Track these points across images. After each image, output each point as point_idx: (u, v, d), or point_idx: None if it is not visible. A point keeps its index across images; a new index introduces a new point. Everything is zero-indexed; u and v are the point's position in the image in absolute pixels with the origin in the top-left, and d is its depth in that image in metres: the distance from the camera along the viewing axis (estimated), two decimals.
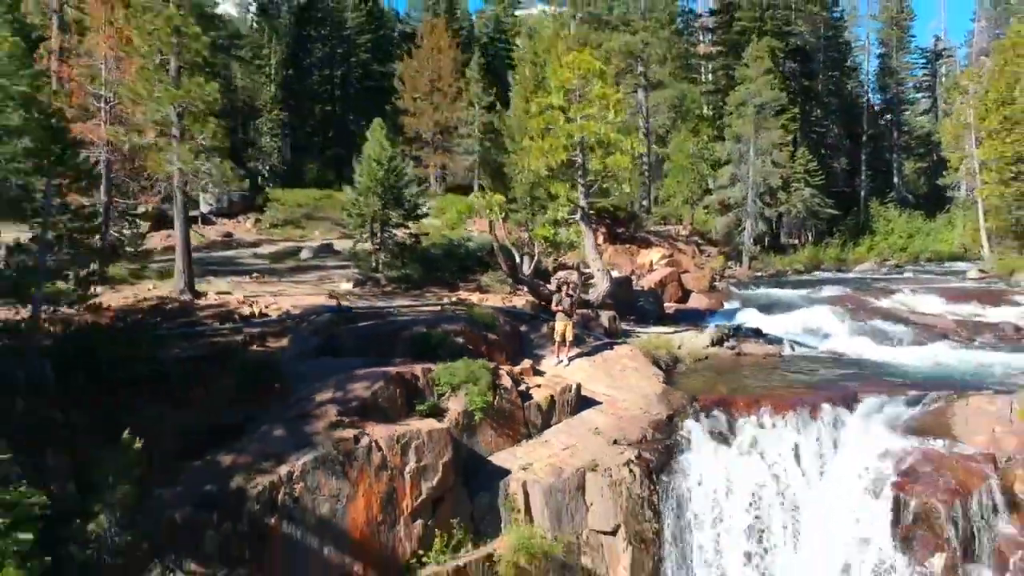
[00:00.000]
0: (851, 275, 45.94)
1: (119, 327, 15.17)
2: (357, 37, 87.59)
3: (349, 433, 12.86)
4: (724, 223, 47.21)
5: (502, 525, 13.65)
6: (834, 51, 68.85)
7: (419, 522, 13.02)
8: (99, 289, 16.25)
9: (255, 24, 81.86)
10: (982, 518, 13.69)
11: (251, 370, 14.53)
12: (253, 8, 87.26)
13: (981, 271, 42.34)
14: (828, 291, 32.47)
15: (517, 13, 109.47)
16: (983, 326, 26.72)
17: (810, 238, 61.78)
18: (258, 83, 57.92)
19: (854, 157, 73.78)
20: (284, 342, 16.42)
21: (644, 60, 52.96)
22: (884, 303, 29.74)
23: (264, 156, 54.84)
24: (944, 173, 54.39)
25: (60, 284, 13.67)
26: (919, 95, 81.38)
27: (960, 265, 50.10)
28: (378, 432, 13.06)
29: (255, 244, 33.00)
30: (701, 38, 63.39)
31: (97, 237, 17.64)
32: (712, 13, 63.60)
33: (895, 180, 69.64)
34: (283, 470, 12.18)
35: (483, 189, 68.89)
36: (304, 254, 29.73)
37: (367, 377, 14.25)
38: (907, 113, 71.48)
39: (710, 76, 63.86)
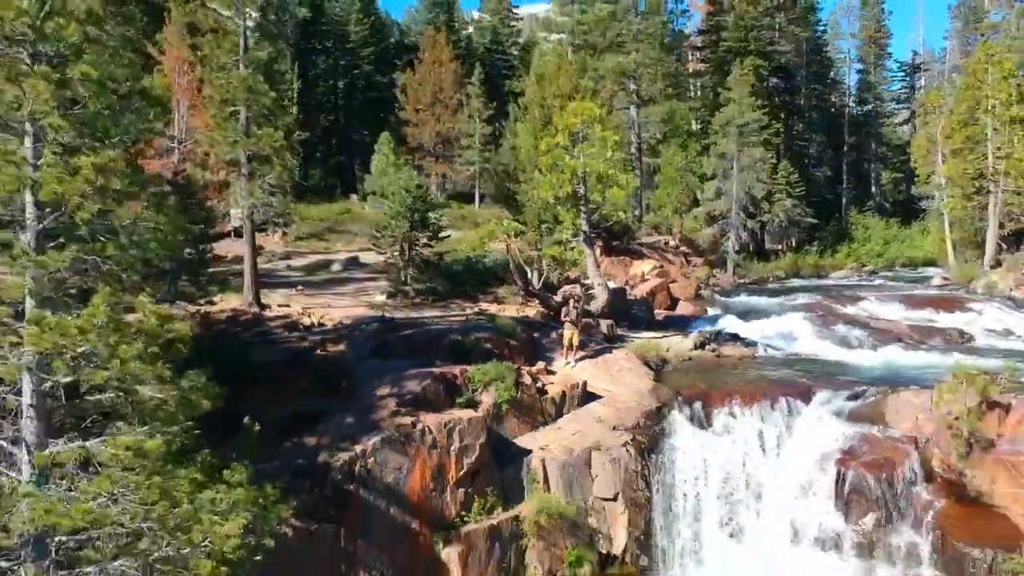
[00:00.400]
0: (827, 282, 49.50)
1: (211, 335, 18.61)
2: (360, 49, 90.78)
3: (407, 420, 16.37)
4: (710, 233, 50.79)
5: (525, 493, 17.17)
6: (816, 66, 72.63)
7: (461, 490, 16.53)
8: (178, 302, 19.64)
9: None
10: (904, 486, 17.31)
11: (323, 371, 18.03)
12: (253, 16, 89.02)
13: (944, 279, 46.03)
14: (801, 299, 36.05)
15: (514, 24, 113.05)
16: (934, 331, 30.36)
17: (793, 243, 65.55)
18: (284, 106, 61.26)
19: (836, 166, 77.64)
20: (342, 347, 19.86)
21: (636, 78, 56.45)
22: (850, 310, 33.35)
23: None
24: (915, 184, 58.14)
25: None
26: (899, 106, 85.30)
27: (931, 271, 53.79)
28: (429, 419, 16.57)
29: (286, 256, 36.40)
30: (690, 56, 67.01)
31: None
32: (700, 33, 67.21)
33: (873, 189, 73.48)
34: (358, 448, 15.68)
35: (483, 199, 72.49)
36: (335, 267, 33.21)
37: (417, 376, 17.77)
38: (884, 126, 75.13)
39: (698, 92, 67.50)
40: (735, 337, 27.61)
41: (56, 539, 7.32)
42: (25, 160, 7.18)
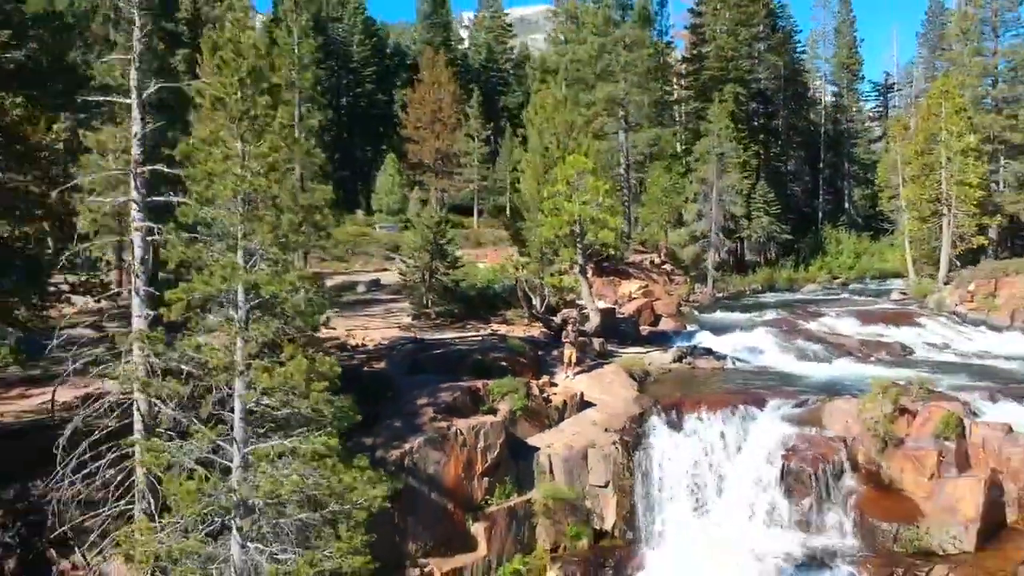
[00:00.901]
0: (798, 296, 54.26)
1: None
2: (362, 68, 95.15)
3: (443, 424, 20.79)
4: (692, 251, 55.42)
5: (535, 481, 21.59)
6: (794, 90, 77.44)
7: (485, 479, 20.97)
8: None
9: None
10: (835, 476, 21.86)
11: (372, 384, 22.42)
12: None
13: (903, 293, 50.79)
14: (769, 314, 40.63)
15: (506, 41, 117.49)
16: (881, 345, 35.00)
17: (772, 254, 70.31)
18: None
19: (814, 182, 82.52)
20: (383, 364, 24.24)
21: (624, 106, 60.97)
22: (811, 325, 37.92)
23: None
24: (879, 203, 63.00)
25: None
26: (873, 123, 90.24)
27: (896, 283, 58.60)
28: (460, 423, 20.99)
29: None
30: (675, 83, 71.62)
31: None
32: (684, 61, 71.88)
33: (846, 205, 78.36)
34: (406, 446, 20.08)
35: (481, 213, 76.89)
36: (360, 288, 37.57)
37: (448, 389, 22.21)
38: (857, 146, 79.89)
39: (683, 117, 72.10)
40: (708, 351, 32.18)
41: (258, 504, 11.61)
42: (239, 266, 11.52)
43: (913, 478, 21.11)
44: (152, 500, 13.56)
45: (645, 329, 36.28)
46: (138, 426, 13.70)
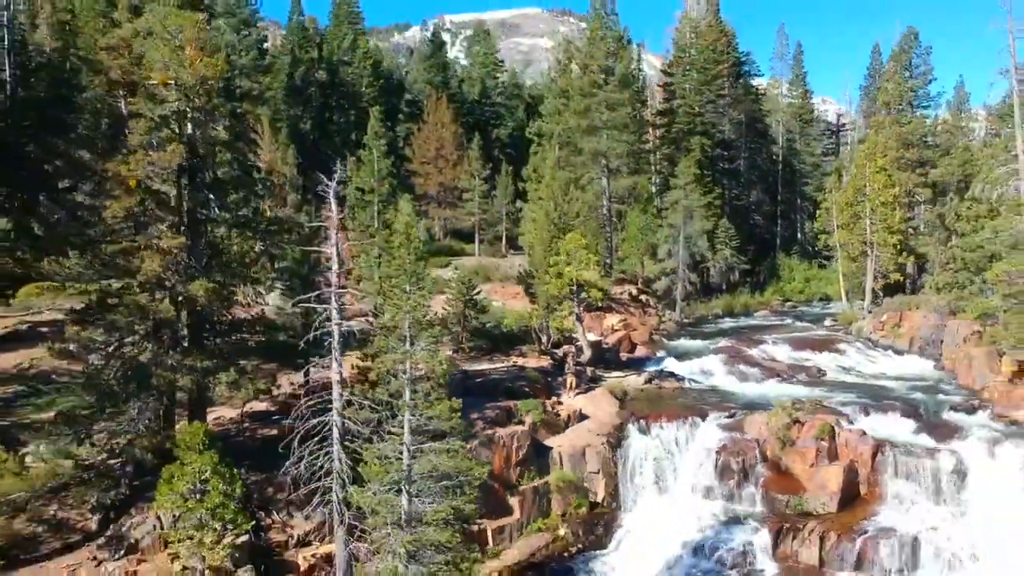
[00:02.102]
0: (751, 321, 64.85)
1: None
2: (370, 106, 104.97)
3: (490, 431, 31.19)
4: (663, 283, 65.96)
5: (551, 469, 32.07)
6: (753, 136, 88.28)
7: (518, 468, 31.41)
8: None
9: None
10: (750, 465, 32.48)
11: None
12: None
13: (834, 320, 61.68)
14: (721, 342, 51.06)
15: (497, 76, 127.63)
16: (802, 368, 45.66)
17: (736, 277, 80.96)
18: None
19: (772, 213, 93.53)
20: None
21: (606, 156, 71.44)
22: (752, 351, 48.46)
23: None
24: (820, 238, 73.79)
25: None
26: (826, 158, 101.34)
27: (835, 307, 69.54)
28: (500, 431, 31.41)
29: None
30: (650, 132, 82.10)
31: None
32: (658, 114, 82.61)
33: (799, 236, 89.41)
34: (467, 447, 30.52)
35: (483, 241, 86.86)
36: None
37: (491, 407, 32.64)
38: (807, 186, 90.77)
39: (657, 160, 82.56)
40: (671, 374, 42.80)
41: (417, 477, 21.80)
42: (408, 351, 21.80)
43: (800, 466, 31.83)
44: (343, 479, 23.89)
45: (624, 356, 46.82)
46: (336, 435, 24.07)
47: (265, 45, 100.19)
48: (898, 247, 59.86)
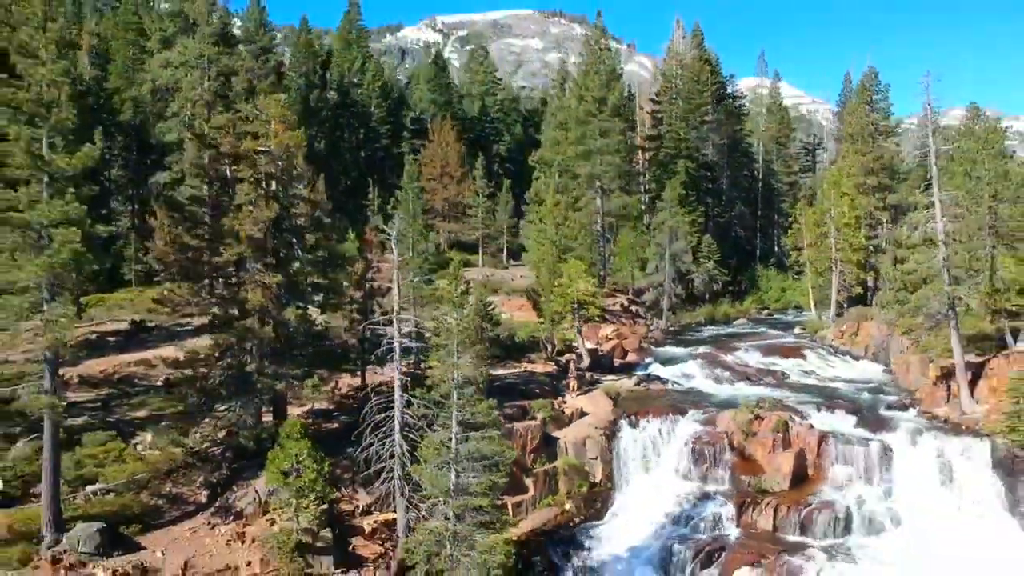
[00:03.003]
0: (729, 329, 72.17)
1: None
2: (380, 126, 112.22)
3: (510, 425, 38.23)
4: (651, 295, 73.28)
5: (558, 456, 39.28)
6: (735, 157, 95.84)
7: (532, 454, 38.58)
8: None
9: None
10: (720, 452, 39.74)
11: None
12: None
13: (802, 329, 69.06)
14: (701, 349, 58.30)
15: (496, 94, 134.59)
16: (769, 372, 52.91)
17: (718, 286, 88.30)
18: None
19: (753, 227, 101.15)
20: None
21: (600, 178, 78.68)
22: (727, 357, 55.72)
23: None
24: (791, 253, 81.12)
25: None
26: (804, 175, 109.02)
27: (807, 315, 76.90)
28: (518, 425, 38.56)
29: None
30: (640, 155, 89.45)
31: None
32: (648, 139, 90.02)
33: (776, 248, 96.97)
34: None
35: (486, 253, 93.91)
36: None
37: (509, 406, 39.73)
38: (784, 203, 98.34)
39: (646, 179, 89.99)
40: (657, 378, 50.06)
41: (463, 457, 28.74)
42: (457, 363, 28.91)
43: (760, 453, 39.12)
44: (403, 461, 31.08)
45: (618, 362, 53.98)
46: (397, 423, 31.23)
47: (279, 56, 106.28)
48: (861, 264, 67.28)
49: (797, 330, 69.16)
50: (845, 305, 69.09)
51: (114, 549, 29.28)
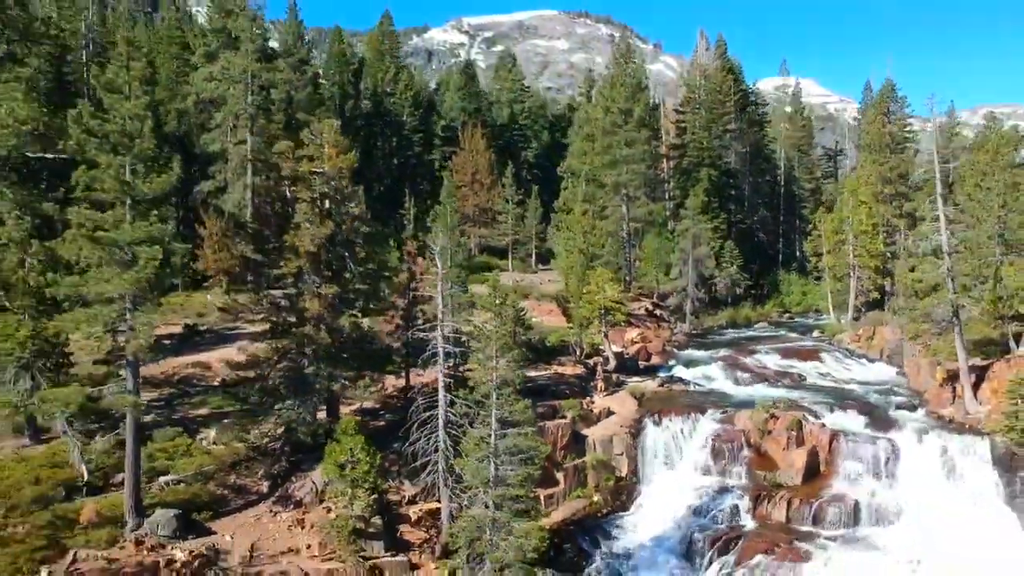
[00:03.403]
0: (750, 332, 74.63)
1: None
2: (412, 135, 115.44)
3: (542, 423, 41.14)
4: (675, 299, 75.98)
5: (587, 452, 42.24)
6: (758, 164, 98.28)
7: (563, 451, 41.49)
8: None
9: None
10: (738, 449, 42.53)
11: None
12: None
13: (821, 332, 71.45)
14: (721, 352, 60.98)
15: (523, 102, 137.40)
16: (787, 374, 55.47)
17: (740, 290, 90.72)
18: None
19: (776, 232, 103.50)
20: None
21: (626, 186, 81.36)
22: (747, 360, 58.33)
23: None
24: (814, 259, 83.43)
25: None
26: (826, 180, 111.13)
27: (824, 319, 79.26)
28: (550, 423, 41.49)
29: None
30: (664, 163, 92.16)
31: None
32: (672, 147, 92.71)
33: (797, 253, 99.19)
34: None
35: (515, 258, 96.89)
36: None
37: (541, 405, 42.56)
38: (805, 209, 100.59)
39: (671, 187, 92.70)
40: (680, 379, 52.83)
41: (502, 451, 31.83)
42: (494, 367, 31.92)
43: (775, 450, 41.85)
44: (447, 455, 34.17)
45: (642, 364, 56.74)
46: (441, 420, 34.32)
47: (315, 67, 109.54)
48: (878, 269, 69.63)
49: (816, 334, 71.49)
50: (863, 309, 71.39)
51: (188, 533, 32.50)
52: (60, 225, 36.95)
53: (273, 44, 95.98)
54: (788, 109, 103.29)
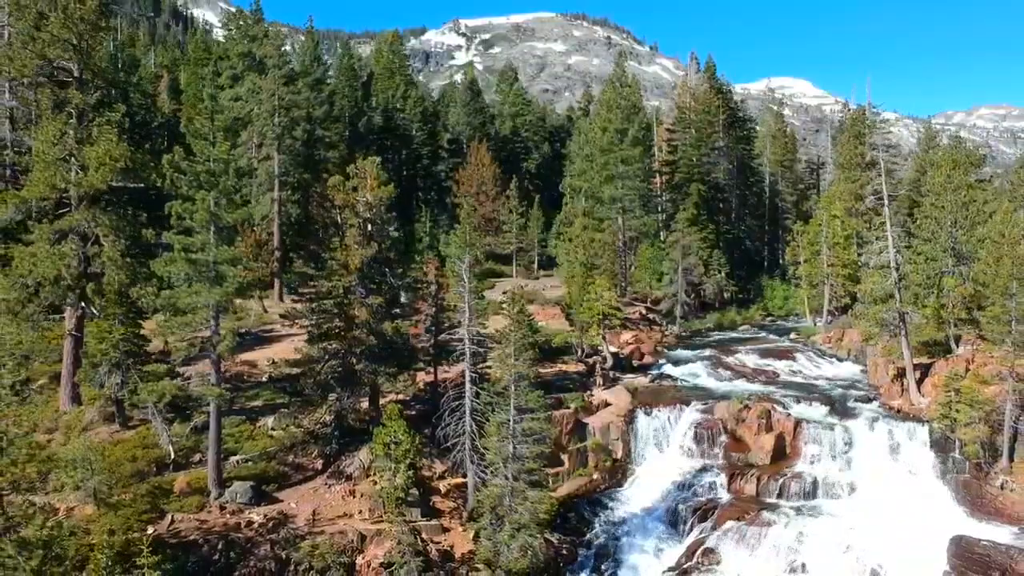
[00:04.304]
0: (733, 334, 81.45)
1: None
2: (420, 148, 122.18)
3: (549, 413, 48.24)
4: (667, 304, 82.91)
5: (588, 438, 49.17)
6: (744, 177, 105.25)
7: (567, 436, 48.29)
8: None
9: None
10: (716, 435, 49.51)
11: None
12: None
13: (797, 334, 78.39)
14: (707, 352, 67.95)
15: (525, 115, 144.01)
16: (763, 372, 62.38)
17: (728, 295, 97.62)
18: None
19: (762, 239, 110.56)
20: None
21: (622, 200, 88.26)
22: (729, 359, 65.22)
23: None
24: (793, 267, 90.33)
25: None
26: (810, 192, 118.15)
27: (804, 322, 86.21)
28: (556, 413, 48.10)
29: None
30: (657, 178, 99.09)
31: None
32: (665, 163, 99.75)
33: (780, 261, 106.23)
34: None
35: (519, 265, 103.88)
36: None
37: (548, 397, 49.23)
38: (787, 220, 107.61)
39: (663, 199, 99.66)
40: (669, 376, 59.77)
41: (520, 434, 38.58)
42: (513, 364, 38.75)
43: (748, 435, 48.79)
44: (473, 437, 41.10)
45: (636, 363, 63.62)
46: (468, 408, 41.25)
47: (330, 87, 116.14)
48: (850, 277, 76.57)
49: (792, 336, 78.31)
50: (836, 313, 78.29)
51: (260, 501, 39.31)
52: (148, 245, 44.09)
53: (293, 62, 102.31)
54: (772, 125, 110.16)
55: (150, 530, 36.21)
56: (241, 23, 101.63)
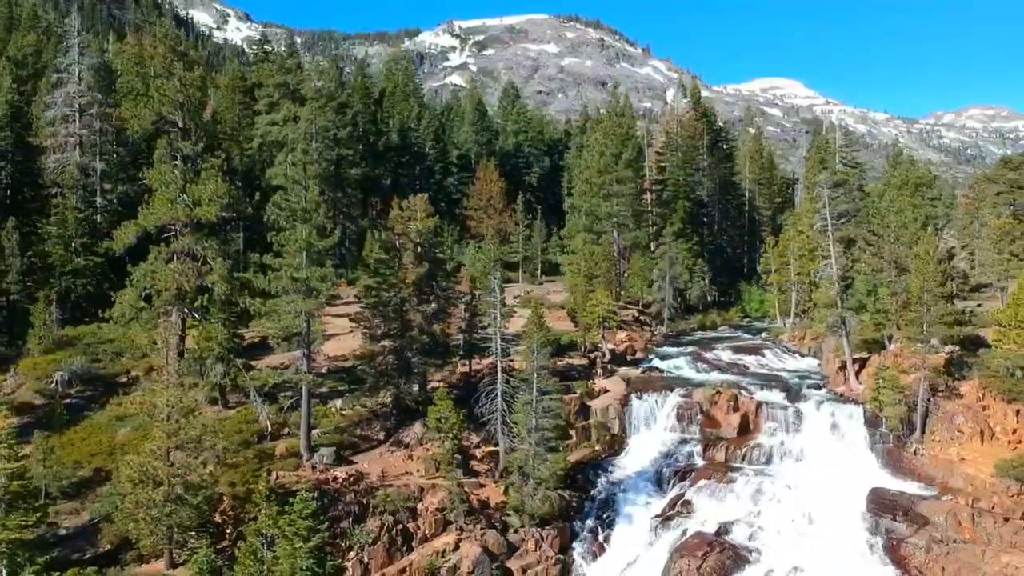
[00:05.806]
0: (713, 333, 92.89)
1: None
2: (433, 164, 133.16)
3: (562, 396, 59.79)
4: (656, 308, 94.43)
5: (591, 418, 60.47)
6: (726, 193, 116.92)
7: (574, 416, 59.35)
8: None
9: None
10: (694, 415, 60.97)
11: None
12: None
13: (767, 334, 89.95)
14: (689, 348, 79.26)
15: (527, 131, 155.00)
16: (736, 365, 73.64)
17: (711, 299, 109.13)
18: None
19: (742, 248, 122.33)
20: None
21: (617, 216, 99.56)
22: (707, 355, 76.46)
23: None
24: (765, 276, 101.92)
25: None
26: (786, 205, 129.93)
27: (775, 323, 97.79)
28: (565, 397, 59.62)
29: None
30: (647, 193, 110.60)
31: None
32: (655, 183, 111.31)
33: (757, 268, 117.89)
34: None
35: (524, 272, 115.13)
36: None
37: (560, 385, 61.15)
38: (764, 231, 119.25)
39: (653, 219, 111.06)
40: (657, 368, 71.20)
41: (539, 412, 49.75)
42: (534, 360, 50.01)
43: (721, 415, 60.15)
44: (504, 413, 52.53)
45: (629, 358, 74.98)
46: (500, 391, 52.68)
47: (349, 104, 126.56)
48: (814, 284, 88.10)
49: (763, 335, 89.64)
50: (802, 315, 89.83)
51: (340, 464, 50.47)
52: (244, 263, 55.49)
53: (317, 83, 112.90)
54: (751, 146, 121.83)
55: (260, 484, 47.32)
56: (274, 57, 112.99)
